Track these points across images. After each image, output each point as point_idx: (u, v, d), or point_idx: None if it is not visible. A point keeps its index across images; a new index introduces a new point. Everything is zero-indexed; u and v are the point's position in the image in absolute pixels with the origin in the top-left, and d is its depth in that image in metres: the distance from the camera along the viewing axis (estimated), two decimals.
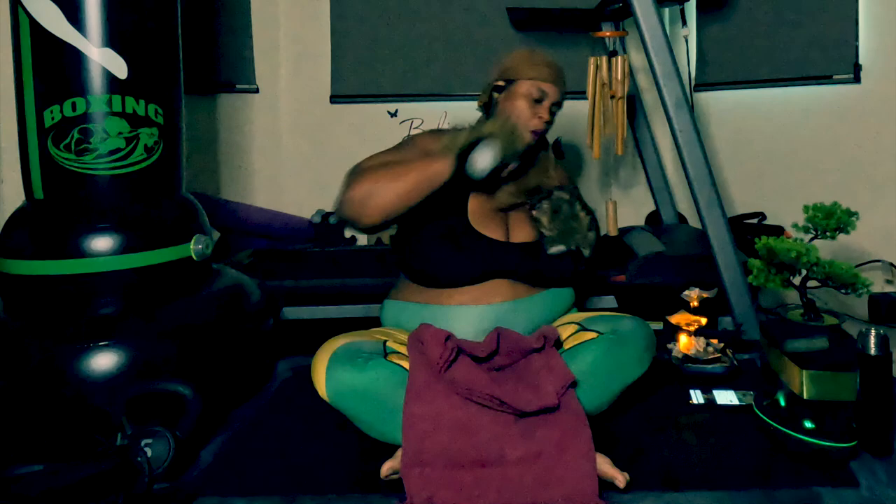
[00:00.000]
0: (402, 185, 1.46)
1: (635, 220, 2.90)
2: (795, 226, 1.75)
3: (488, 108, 1.76)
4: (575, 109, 2.87)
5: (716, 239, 1.99)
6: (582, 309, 1.83)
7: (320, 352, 1.47)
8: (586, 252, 1.67)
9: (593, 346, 1.45)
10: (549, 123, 1.70)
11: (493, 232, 1.64)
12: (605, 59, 2.57)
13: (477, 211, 1.65)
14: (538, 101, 1.67)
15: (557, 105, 1.71)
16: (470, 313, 1.58)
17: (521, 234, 1.67)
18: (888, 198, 2.43)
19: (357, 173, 1.51)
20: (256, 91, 3.00)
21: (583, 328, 1.52)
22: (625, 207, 2.87)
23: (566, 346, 1.49)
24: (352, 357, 1.40)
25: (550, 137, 1.82)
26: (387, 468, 1.27)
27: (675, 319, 1.83)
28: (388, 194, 1.45)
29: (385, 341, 1.50)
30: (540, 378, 1.35)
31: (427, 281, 1.62)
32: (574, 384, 1.36)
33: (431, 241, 1.60)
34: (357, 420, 1.40)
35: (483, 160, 1.50)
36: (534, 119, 1.67)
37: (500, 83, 1.72)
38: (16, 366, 1.44)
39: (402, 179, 1.46)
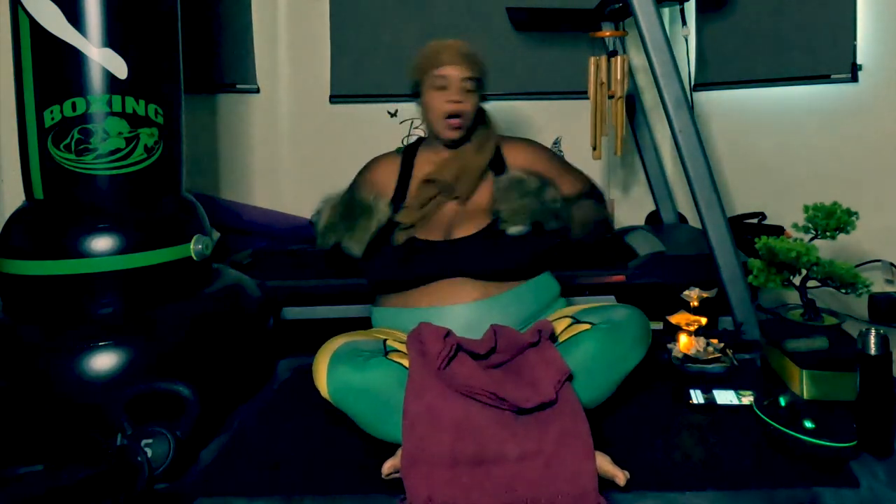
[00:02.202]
0: None
1: (635, 220, 2.90)
2: (795, 226, 1.75)
3: None
4: (574, 109, 2.89)
5: (716, 239, 1.99)
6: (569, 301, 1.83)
7: (321, 351, 1.48)
8: (552, 224, 1.65)
9: (588, 338, 1.45)
10: (462, 102, 1.70)
11: (430, 234, 1.66)
12: (604, 58, 2.57)
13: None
14: (443, 87, 1.70)
15: (471, 80, 1.71)
16: (442, 314, 1.58)
17: (464, 229, 1.66)
18: (888, 198, 2.43)
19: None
20: (256, 91, 3.00)
21: (576, 321, 1.52)
22: (625, 207, 2.88)
23: (560, 339, 1.48)
24: (353, 356, 1.41)
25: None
26: (388, 467, 1.27)
27: (675, 319, 1.83)
28: None
29: (385, 340, 1.50)
30: (537, 373, 1.34)
31: (383, 287, 1.70)
32: (570, 377, 1.36)
33: (374, 253, 1.67)
34: (358, 419, 1.40)
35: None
36: (445, 105, 1.70)
37: (415, 91, 1.78)
38: (16, 366, 1.44)
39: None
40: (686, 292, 1.84)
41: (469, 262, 1.61)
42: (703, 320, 1.81)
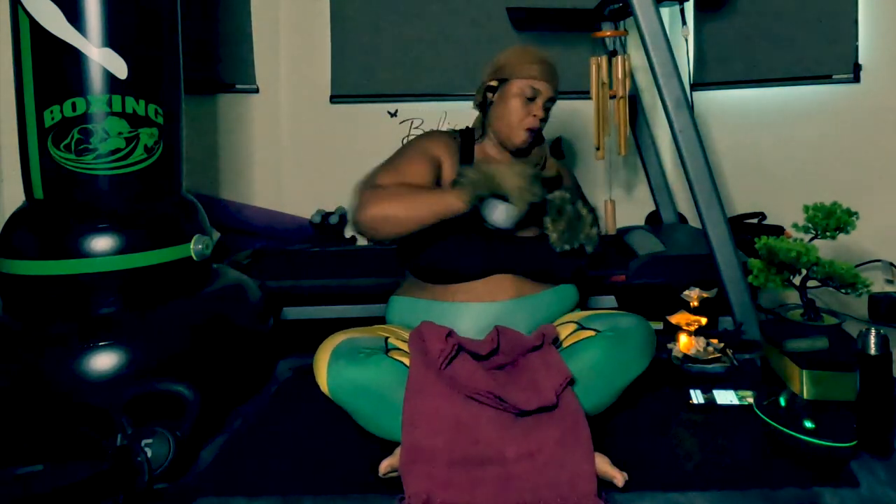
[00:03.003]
0: (417, 215, 1.51)
1: (635, 220, 2.90)
2: (795, 226, 1.75)
3: (483, 108, 1.78)
4: (574, 109, 2.89)
5: (716, 239, 1.99)
6: (583, 309, 1.83)
7: (322, 347, 1.48)
8: (589, 249, 1.68)
9: (592, 345, 1.45)
10: (544, 120, 1.74)
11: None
12: (605, 58, 2.57)
13: None
14: (531, 99, 1.70)
15: (551, 101, 1.74)
16: (475, 310, 1.58)
17: (524, 229, 1.67)
18: (888, 198, 2.43)
19: (371, 193, 1.54)
20: (256, 91, 3.00)
21: (581, 327, 1.52)
22: (625, 207, 2.87)
23: (565, 344, 1.49)
24: (353, 352, 1.41)
25: (547, 134, 1.83)
26: (385, 466, 1.27)
27: (675, 319, 1.83)
28: (403, 222, 1.51)
29: (387, 338, 1.50)
30: (539, 376, 1.35)
31: (434, 277, 1.64)
32: (572, 382, 1.36)
33: (439, 237, 1.61)
34: (357, 415, 1.40)
35: (498, 217, 1.55)
36: (528, 118, 1.71)
37: (494, 83, 1.74)
38: (16, 366, 1.44)
39: (417, 210, 1.51)
40: (686, 292, 1.84)
41: (531, 261, 1.63)
42: (703, 320, 1.81)
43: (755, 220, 2.63)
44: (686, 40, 2.76)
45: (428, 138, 1.76)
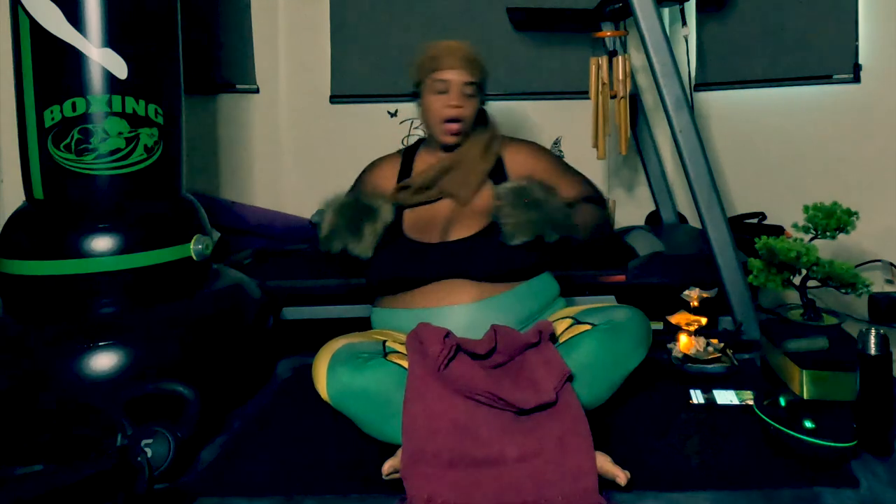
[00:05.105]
0: None
1: (635, 220, 2.90)
2: (795, 226, 1.75)
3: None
4: (574, 109, 2.89)
5: (716, 239, 1.99)
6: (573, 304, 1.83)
7: (321, 353, 1.48)
8: (550, 237, 1.60)
9: (588, 338, 1.45)
10: (461, 107, 1.70)
11: (427, 236, 1.67)
12: (605, 59, 2.57)
13: (413, 221, 1.71)
14: (443, 92, 1.70)
15: (471, 84, 1.71)
16: (440, 315, 1.58)
17: (461, 231, 1.66)
18: (888, 198, 2.43)
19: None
20: (256, 91, 3.00)
21: (577, 321, 1.52)
22: (625, 207, 2.88)
23: (560, 339, 1.48)
24: (352, 358, 1.41)
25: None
26: (388, 466, 1.27)
27: (675, 319, 1.83)
28: None
29: (384, 341, 1.50)
30: (537, 374, 1.34)
31: (378, 290, 1.72)
32: (571, 379, 1.36)
33: (374, 255, 1.67)
34: (358, 420, 1.40)
35: None
36: (444, 109, 1.70)
37: (415, 91, 1.77)
38: (16, 366, 1.44)
39: None
40: (686, 292, 1.84)
41: (467, 263, 1.61)
42: (703, 320, 1.81)
43: (755, 220, 2.63)
44: (686, 40, 2.76)
45: (368, 175, 1.85)
